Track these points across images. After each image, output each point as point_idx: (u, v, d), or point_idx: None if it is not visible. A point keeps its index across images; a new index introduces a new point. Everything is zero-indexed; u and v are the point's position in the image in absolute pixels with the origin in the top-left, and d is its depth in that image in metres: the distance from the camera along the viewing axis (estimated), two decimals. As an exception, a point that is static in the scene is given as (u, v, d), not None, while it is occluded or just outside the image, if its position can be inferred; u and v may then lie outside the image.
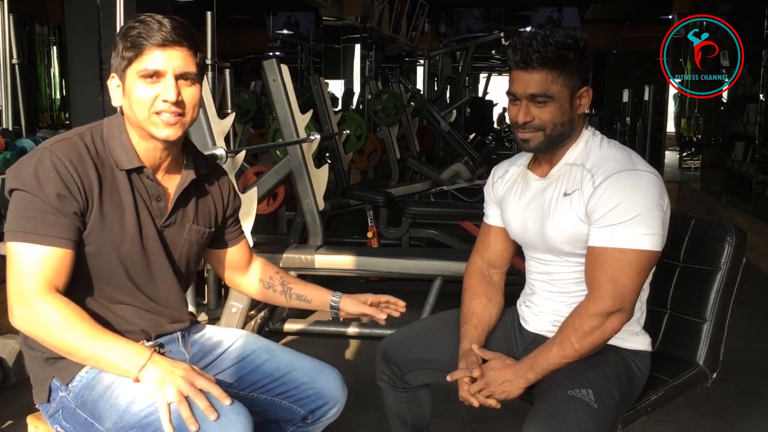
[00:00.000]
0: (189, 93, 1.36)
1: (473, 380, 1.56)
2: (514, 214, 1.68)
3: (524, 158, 1.71)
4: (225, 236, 1.63)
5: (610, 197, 1.48)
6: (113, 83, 1.38)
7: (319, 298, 1.68)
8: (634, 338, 1.62)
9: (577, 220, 1.54)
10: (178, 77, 1.34)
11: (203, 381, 1.27)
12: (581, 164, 1.56)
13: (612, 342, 1.56)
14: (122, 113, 1.40)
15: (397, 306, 1.68)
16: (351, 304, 1.65)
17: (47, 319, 1.26)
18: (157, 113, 1.33)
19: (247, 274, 1.72)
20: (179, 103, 1.34)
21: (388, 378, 1.79)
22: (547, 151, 1.59)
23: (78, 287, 1.35)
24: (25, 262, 1.27)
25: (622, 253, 1.47)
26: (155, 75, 1.32)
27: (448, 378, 1.59)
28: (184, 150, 1.48)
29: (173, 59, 1.32)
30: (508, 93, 1.56)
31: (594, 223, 1.51)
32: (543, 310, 1.68)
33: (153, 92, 1.33)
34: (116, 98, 1.38)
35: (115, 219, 1.36)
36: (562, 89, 1.51)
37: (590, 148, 1.58)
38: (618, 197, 1.47)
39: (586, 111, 1.60)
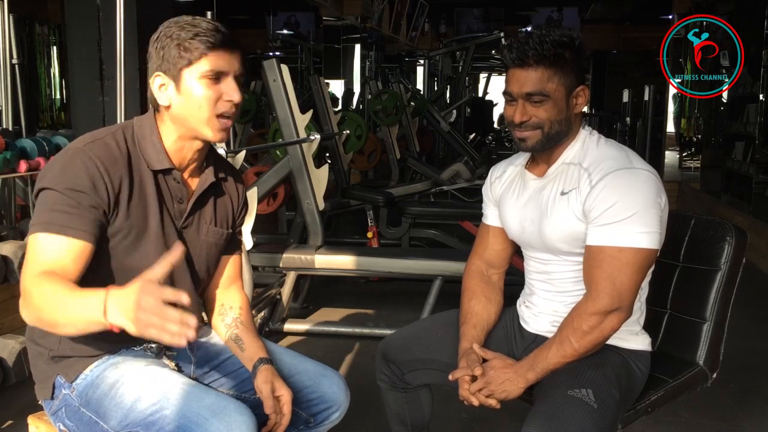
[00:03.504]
0: (240, 96, 1.38)
1: (474, 379, 1.56)
2: (512, 214, 1.68)
3: (522, 158, 1.71)
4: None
5: (607, 196, 1.48)
6: (157, 82, 1.36)
7: (250, 355, 1.50)
8: (633, 338, 1.62)
9: (574, 219, 1.54)
10: (236, 78, 1.37)
11: (169, 292, 1.08)
12: (578, 163, 1.56)
13: (612, 342, 1.56)
14: (155, 112, 1.40)
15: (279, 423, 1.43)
16: (262, 384, 1.44)
17: (33, 298, 1.20)
18: (220, 115, 1.36)
19: (220, 294, 1.59)
20: (237, 105, 1.37)
21: (388, 378, 1.79)
22: (544, 151, 1.59)
23: (95, 283, 1.33)
24: (39, 251, 1.26)
25: (619, 251, 1.47)
26: (219, 76, 1.34)
27: (450, 377, 1.59)
28: (207, 153, 1.49)
29: (233, 62, 1.36)
30: (505, 93, 1.57)
31: (591, 222, 1.51)
32: (542, 310, 1.68)
33: (215, 93, 1.35)
34: (163, 97, 1.37)
35: (140, 219, 1.37)
36: (558, 88, 1.51)
37: (587, 147, 1.58)
38: (615, 195, 1.47)
39: (584, 110, 1.60)
